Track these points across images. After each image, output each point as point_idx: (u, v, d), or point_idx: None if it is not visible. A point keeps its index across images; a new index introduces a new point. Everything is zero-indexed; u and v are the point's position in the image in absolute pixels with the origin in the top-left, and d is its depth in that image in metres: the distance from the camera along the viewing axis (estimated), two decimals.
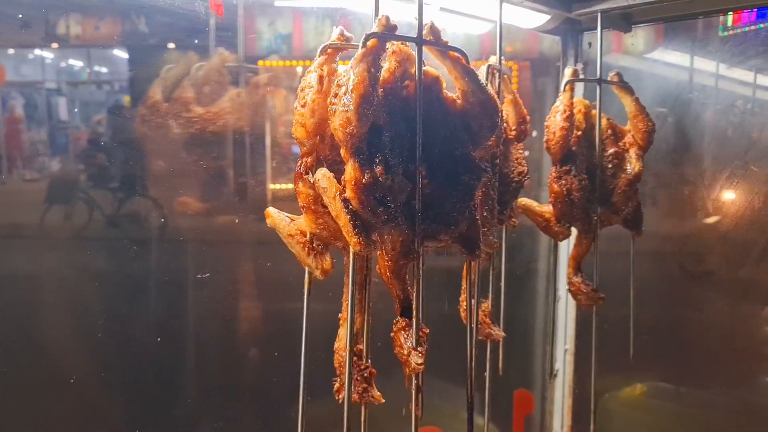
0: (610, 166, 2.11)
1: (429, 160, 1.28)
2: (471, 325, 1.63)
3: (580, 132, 2.04)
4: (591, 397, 2.20)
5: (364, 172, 1.17)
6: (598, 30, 2.09)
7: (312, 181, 1.24)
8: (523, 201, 2.07)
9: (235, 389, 2.38)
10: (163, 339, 2.18)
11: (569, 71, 2.02)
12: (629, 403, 2.95)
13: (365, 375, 1.35)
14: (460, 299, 1.81)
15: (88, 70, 2.38)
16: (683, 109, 2.70)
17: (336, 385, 1.37)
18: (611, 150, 2.12)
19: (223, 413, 2.31)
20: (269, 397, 2.36)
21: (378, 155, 1.18)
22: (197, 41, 2.17)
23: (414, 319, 1.27)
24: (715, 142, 2.65)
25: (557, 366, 2.89)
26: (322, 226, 1.28)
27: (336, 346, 1.40)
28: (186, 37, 2.16)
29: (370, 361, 1.39)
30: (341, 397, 1.30)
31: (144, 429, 2.17)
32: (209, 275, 2.22)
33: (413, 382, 1.31)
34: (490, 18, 2.07)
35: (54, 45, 2.17)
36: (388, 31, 1.20)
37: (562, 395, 2.94)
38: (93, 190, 2.19)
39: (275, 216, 1.37)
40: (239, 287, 2.37)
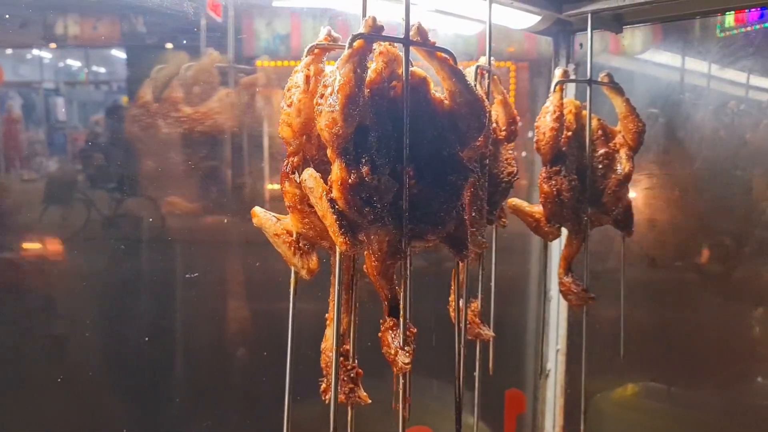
0: (600, 166, 2.12)
1: (416, 160, 1.28)
2: (459, 325, 1.63)
3: (570, 132, 2.04)
4: (581, 397, 2.20)
5: (350, 172, 1.17)
6: (588, 31, 2.09)
7: (298, 181, 1.24)
8: (513, 201, 2.08)
9: (224, 389, 2.38)
10: (152, 339, 2.18)
11: (559, 72, 2.03)
12: (621, 403, 2.95)
13: (352, 375, 1.36)
14: (449, 299, 1.81)
15: (86, 70, 2.38)
16: (674, 110, 2.70)
17: (323, 386, 1.37)
18: (602, 150, 2.13)
19: (212, 413, 2.31)
20: (258, 397, 2.35)
21: (364, 155, 1.18)
22: (196, 42, 2.17)
23: (401, 319, 1.27)
24: (707, 142, 2.65)
25: (549, 366, 2.90)
26: (308, 225, 1.28)
27: (323, 346, 1.40)
28: (185, 38, 2.16)
29: (357, 362, 1.39)
30: (328, 398, 1.30)
31: (132, 429, 2.16)
32: (198, 275, 2.21)
33: (400, 381, 1.31)
34: (481, 19, 2.07)
35: (52, 45, 2.17)
36: (374, 32, 1.19)
37: (553, 395, 2.95)
38: (90, 190, 2.19)
39: (261, 215, 1.37)
40: (228, 287, 2.37)
